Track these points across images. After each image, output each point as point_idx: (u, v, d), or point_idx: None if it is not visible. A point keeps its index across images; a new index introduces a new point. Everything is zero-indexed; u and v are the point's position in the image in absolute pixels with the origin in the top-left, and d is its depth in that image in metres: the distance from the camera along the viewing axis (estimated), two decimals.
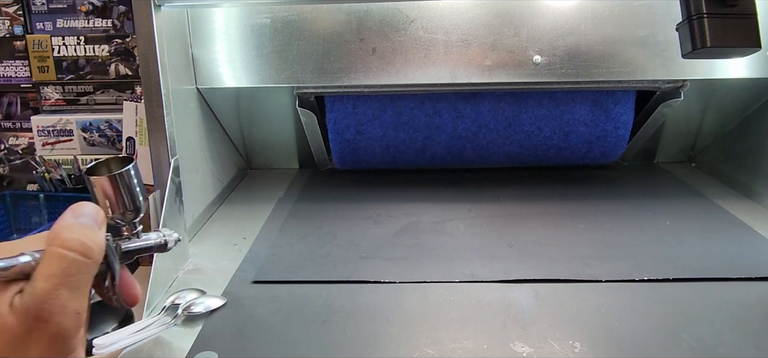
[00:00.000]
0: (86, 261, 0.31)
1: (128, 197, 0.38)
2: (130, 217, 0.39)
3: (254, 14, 0.77)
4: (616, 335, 0.51)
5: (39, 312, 0.28)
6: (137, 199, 0.38)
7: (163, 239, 0.42)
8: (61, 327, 0.29)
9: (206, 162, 0.84)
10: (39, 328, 0.29)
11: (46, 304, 0.29)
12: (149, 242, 0.41)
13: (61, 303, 0.29)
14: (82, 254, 0.31)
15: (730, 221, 0.76)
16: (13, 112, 1.06)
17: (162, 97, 0.66)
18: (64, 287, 0.29)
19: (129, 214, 0.38)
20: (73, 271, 0.30)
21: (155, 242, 0.41)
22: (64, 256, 0.30)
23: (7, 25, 1.01)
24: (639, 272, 0.61)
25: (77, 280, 0.30)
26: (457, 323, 0.53)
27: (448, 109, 0.87)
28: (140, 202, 0.39)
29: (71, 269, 0.30)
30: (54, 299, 0.29)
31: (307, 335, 0.52)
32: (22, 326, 0.28)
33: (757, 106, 0.90)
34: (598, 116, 0.88)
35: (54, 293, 0.29)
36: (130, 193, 0.38)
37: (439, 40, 0.77)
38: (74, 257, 0.30)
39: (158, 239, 0.41)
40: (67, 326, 0.29)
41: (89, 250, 0.31)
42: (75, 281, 0.30)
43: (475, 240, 0.72)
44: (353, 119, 0.88)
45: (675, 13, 0.54)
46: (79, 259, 0.30)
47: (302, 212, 0.83)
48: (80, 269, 0.30)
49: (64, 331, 0.29)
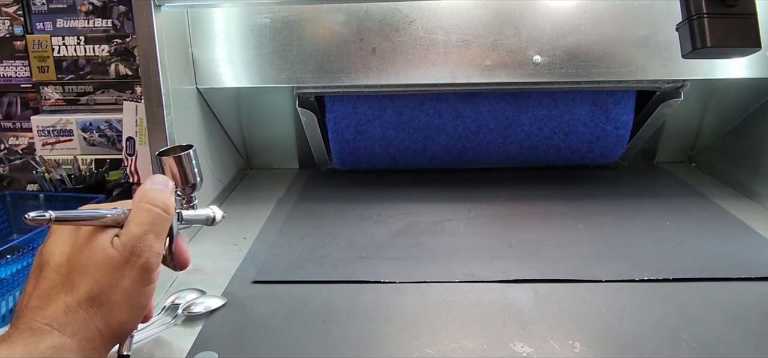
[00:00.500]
0: (166, 216, 0.41)
1: (189, 174, 0.48)
2: (189, 192, 0.49)
3: (254, 14, 0.77)
4: (616, 335, 0.51)
5: (134, 248, 0.39)
6: (195, 177, 0.49)
7: (212, 214, 0.51)
8: (149, 261, 0.39)
9: (206, 162, 0.84)
10: (133, 261, 0.39)
11: (140, 243, 0.39)
12: (202, 214, 0.50)
13: (149, 244, 0.39)
14: (163, 209, 0.41)
15: (730, 221, 0.76)
16: (13, 112, 1.06)
17: (162, 97, 0.66)
18: (151, 232, 0.40)
19: (188, 189, 0.49)
20: (158, 221, 0.40)
21: (206, 214, 0.51)
22: (151, 210, 0.40)
23: (7, 25, 1.01)
24: (639, 272, 0.61)
25: (160, 228, 0.40)
26: (457, 323, 0.53)
27: (448, 109, 0.87)
28: (198, 180, 0.49)
29: (156, 220, 0.40)
30: (145, 240, 0.39)
31: (307, 335, 0.52)
32: (122, 257, 0.38)
33: (757, 106, 0.90)
34: (598, 116, 0.88)
35: (144, 236, 0.39)
36: (191, 171, 0.48)
37: (439, 40, 0.77)
38: (158, 212, 0.40)
39: (209, 213, 0.51)
40: (152, 261, 0.40)
41: (168, 207, 0.41)
42: (158, 229, 0.40)
43: (475, 240, 0.72)
44: (353, 119, 0.88)
45: (675, 13, 0.54)
46: (161, 213, 0.41)
47: (302, 212, 0.83)
48: (162, 220, 0.41)
49: (150, 264, 0.39)
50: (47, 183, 0.99)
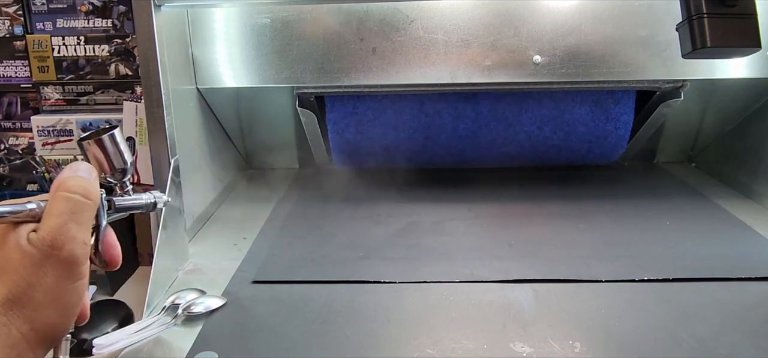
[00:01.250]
0: (88, 202, 0.37)
1: (115, 157, 0.44)
2: (119, 176, 0.45)
3: (254, 14, 0.77)
4: (616, 335, 0.51)
5: (54, 241, 0.35)
6: (123, 159, 0.44)
7: (152, 199, 0.47)
8: (72, 253, 0.36)
9: (206, 162, 0.84)
10: (54, 255, 0.35)
11: (59, 234, 0.35)
12: (140, 200, 0.46)
13: (72, 234, 0.36)
14: (84, 196, 0.37)
15: (730, 221, 0.76)
16: (13, 112, 1.06)
17: (162, 97, 0.66)
18: (72, 221, 0.36)
19: (117, 174, 0.44)
20: (78, 209, 0.37)
21: (146, 201, 0.47)
22: (69, 198, 0.37)
23: (7, 25, 1.01)
24: (639, 272, 0.61)
25: (82, 216, 0.37)
26: (457, 323, 0.53)
27: (448, 109, 0.87)
28: (127, 162, 0.45)
29: (76, 207, 0.37)
30: (65, 231, 0.35)
31: (307, 335, 0.52)
32: (41, 253, 0.35)
33: (757, 106, 0.90)
34: (598, 116, 0.88)
35: (65, 227, 0.35)
36: (116, 154, 0.44)
37: (439, 40, 0.77)
38: (78, 199, 0.37)
39: (149, 199, 0.47)
40: (77, 253, 0.36)
41: (89, 192, 0.38)
42: (80, 217, 0.37)
43: (475, 240, 0.71)
44: (353, 119, 0.88)
45: (675, 13, 0.54)
46: (82, 200, 0.37)
47: (302, 212, 0.83)
48: (83, 208, 0.37)
49: (74, 257, 0.36)
50: (47, 183, 0.99)
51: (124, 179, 0.45)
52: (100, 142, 0.43)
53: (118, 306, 0.62)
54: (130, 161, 0.45)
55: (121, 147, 0.44)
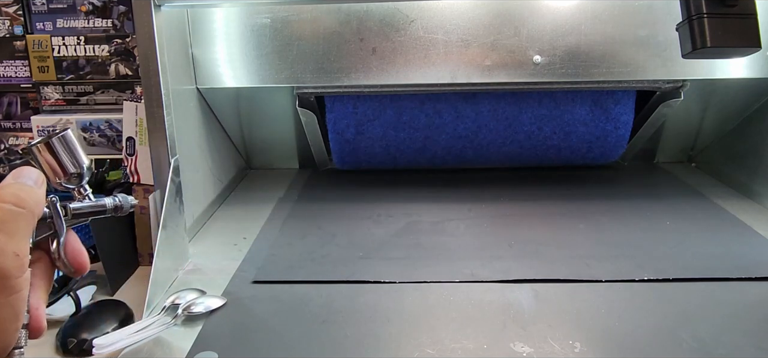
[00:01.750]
0: (20, 210, 0.35)
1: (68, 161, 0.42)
2: (76, 181, 0.42)
3: (254, 14, 0.77)
4: (616, 335, 0.51)
5: None
6: (78, 163, 0.42)
7: (117, 202, 0.45)
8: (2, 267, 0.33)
9: (206, 162, 0.84)
10: None
11: None
12: (102, 203, 0.44)
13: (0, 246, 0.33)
14: (15, 204, 0.35)
15: (730, 221, 0.76)
16: (13, 112, 1.06)
17: (162, 97, 0.66)
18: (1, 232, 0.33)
19: (74, 178, 0.42)
20: (8, 219, 0.34)
21: (110, 204, 0.44)
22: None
23: (7, 25, 1.01)
24: (639, 272, 0.61)
25: (13, 227, 0.34)
26: (457, 323, 0.53)
27: (448, 109, 0.87)
28: (82, 165, 0.42)
29: (6, 217, 0.34)
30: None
31: (307, 335, 0.52)
32: None
33: (757, 106, 0.90)
34: (598, 116, 0.88)
35: None
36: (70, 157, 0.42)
37: (439, 40, 0.77)
38: (8, 207, 0.34)
39: (113, 202, 0.44)
40: (6, 266, 0.33)
41: (22, 200, 0.35)
42: (11, 227, 0.34)
43: (475, 240, 0.72)
44: (353, 119, 0.88)
45: (675, 13, 0.54)
46: (12, 208, 0.35)
47: (302, 212, 0.83)
48: (15, 217, 0.35)
49: (5, 270, 0.33)
50: None
51: (83, 183, 0.43)
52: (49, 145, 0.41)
53: (118, 306, 0.62)
54: (85, 164, 0.42)
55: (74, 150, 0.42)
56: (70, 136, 0.42)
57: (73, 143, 0.42)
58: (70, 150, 0.42)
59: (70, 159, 0.42)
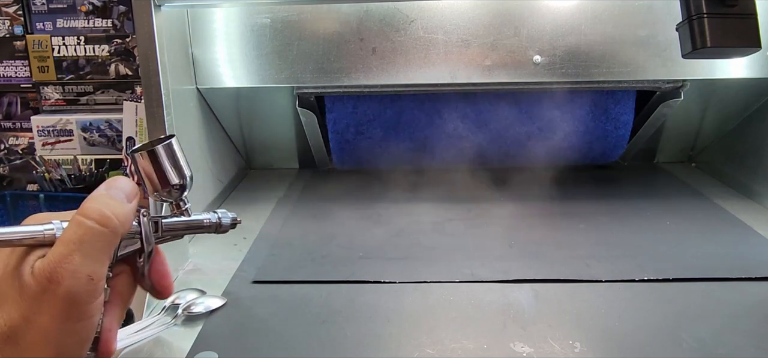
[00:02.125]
0: (102, 230, 0.32)
1: (170, 171, 0.38)
2: (176, 194, 0.39)
3: (254, 14, 0.77)
4: (616, 335, 0.51)
5: (52, 274, 0.30)
6: (180, 174, 0.38)
7: (216, 218, 0.41)
8: (72, 290, 0.30)
9: (206, 162, 0.84)
10: (52, 290, 0.30)
11: (59, 267, 0.30)
12: (199, 220, 0.40)
13: (73, 268, 0.30)
14: (99, 222, 0.32)
15: (730, 221, 0.76)
16: (13, 112, 1.06)
17: (162, 97, 0.66)
18: (78, 252, 0.31)
19: (174, 191, 0.38)
20: (88, 238, 0.31)
21: (206, 220, 0.40)
22: (81, 223, 0.32)
23: (7, 25, 1.01)
24: (639, 272, 0.61)
25: (92, 247, 0.31)
26: (457, 323, 0.53)
27: (448, 109, 0.87)
28: (185, 177, 0.38)
29: (86, 236, 0.31)
30: (67, 263, 0.30)
31: (307, 335, 0.52)
32: (38, 286, 0.30)
33: (757, 106, 0.90)
34: (598, 116, 0.88)
35: (68, 258, 0.30)
36: (171, 167, 0.38)
37: (439, 40, 0.77)
38: (91, 225, 0.32)
39: (211, 218, 0.41)
40: (78, 290, 0.31)
41: (106, 219, 0.32)
42: (89, 248, 0.31)
43: (475, 240, 0.71)
44: (353, 119, 0.88)
45: (675, 13, 0.54)
46: (95, 227, 0.32)
47: (302, 212, 0.83)
48: (95, 237, 0.32)
49: (75, 294, 0.30)
50: (47, 183, 0.99)
51: (183, 196, 0.39)
52: (153, 154, 0.37)
53: None
54: (188, 175, 0.39)
55: (179, 159, 0.38)
56: (176, 145, 0.38)
57: (178, 153, 0.39)
58: (174, 160, 0.38)
59: (172, 170, 0.38)
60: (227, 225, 0.42)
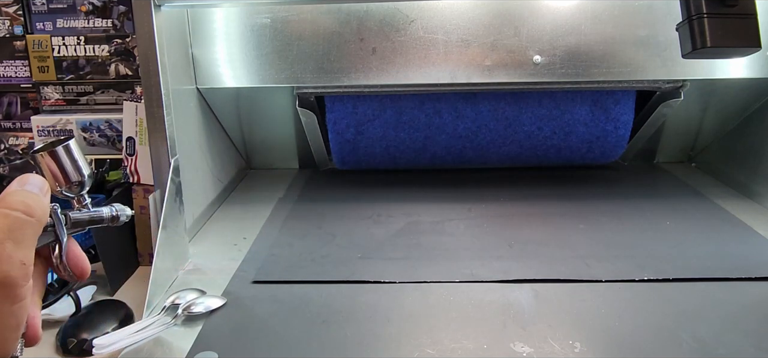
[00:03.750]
0: (28, 219, 0.35)
1: (71, 169, 0.42)
2: (77, 189, 0.43)
3: (254, 14, 0.77)
4: (616, 335, 0.51)
5: None
6: (79, 172, 0.42)
7: (114, 212, 0.45)
8: (8, 275, 0.33)
9: (206, 162, 0.84)
10: None
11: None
12: (100, 213, 0.44)
13: (7, 254, 0.33)
14: (24, 212, 0.35)
15: (730, 221, 0.76)
16: (13, 112, 1.06)
17: (162, 97, 0.66)
18: (9, 240, 0.33)
19: (74, 187, 0.42)
20: (17, 227, 0.34)
21: (107, 214, 0.45)
22: (7, 214, 0.34)
23: (7, 25, 1.01)
24: (639, 272, 0.61)
25: (20, 235, 0.34)
26: (457, 323, 0.53)
27: (448, 109, 0.87)
28: (84, 175, 0.43)
29: (15, 225, 0.34)
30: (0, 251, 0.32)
31: (307, 335, 0.52)
32: None
33: (757, 106, 0.90)
34: (598, 116, 0.88)
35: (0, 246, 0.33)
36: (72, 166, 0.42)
37: (439, 40, 0.77)
38: (17, 215, 0.34)
39: (110, 212, 0.45)
40: (13, 274, 0.33)
41: (30, 208, 0.35)
42: (18, 236, 0.34)
43: (475, 240, 0.72)
44: (353, 119, 0.88)
45: (675, 13, 0.54)
46: (21, 216, 0.34)
47: (302, 212, 0.83)
48: (23, 225, 0.34)
49: (11, 278, 0.33)
50: None
51: (82, 192, 0.43)
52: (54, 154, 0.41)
53: (118, 306, 0.62)
54: (87, 174, 0.43)
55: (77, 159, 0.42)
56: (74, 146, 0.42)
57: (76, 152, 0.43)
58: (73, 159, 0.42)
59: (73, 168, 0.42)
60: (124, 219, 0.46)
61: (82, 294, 0.63)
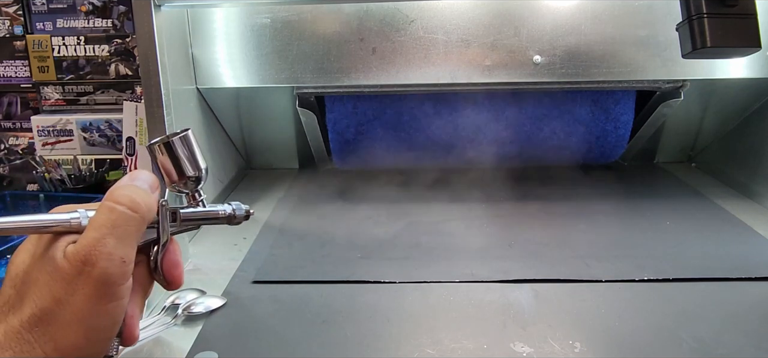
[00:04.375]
0: (133, 215, 0.34)
1: (185, 163, 0.40)
2: (192, 186, 0.40)
3: (254, 14, 0.77)
4: (616, 335, 0.51)
5: (87, 256, 0.32)
6: (196, 166, 0.40)
7: (231, 210, 0.42)
8: (107, 272, 0.32)
9: (206, 162, 0.84)
10: (86, 272, 0.32)
11: (94, 249, 0.32)
12: (214, 210, 0.41)
13: (108, 251, 0.32)
14: (130, 207, 0.34)
15: (730, 221, 0.76)
16: (13, 112, 1.06)
17: (162, 97, 0.66)
18: (111, 236, 0.32)
19: (190, 183, 0.40)
20: (121, 223, 0.33)
21: (221, 211, 0.42)
22: (113, 209, 0.33)
23: (7, 25, 1.01)
24: (639, 272, 0.61)
25: (124, 231, 0.33)
26: (457, 323, 0.53)
27: (448, 109, 0.87)
28: (200, 169, 0.40)
29: (119, 220, 0.33)
30: (101, 246, 0.32)
31: (307, 335, 0.52)
32: (73, 268, 0.32)
33: (757, 106, 0.90)
34: (598, 116, 0.88)
35: (102, 241, 0.32)
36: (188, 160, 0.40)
37: (439, 40, 0.77)
38: (122, 210, 0.34)
39: (226, 209, 0.42)
40: (112, 271, 0.32)
41: (136, 204, 0.34)
42: (121, 232, 0.33)
43: (475, 240, 0.71)
44: (353, 119, 0.88)
45: (675, 13, 0.54)
46: (127, 212, 0.34)
47: (302, 212, 0.83)
48: (127, 221, 0.34)
49: (109, 275, 0.32)
50: (47, 183, 0.99)
51: (198, 188, 0.41)
52: (169, 146, 0.39)
53: None
54: (204, 167, 0.41)
55: (194, 151, 0.40)
56: (191, 137, 0.40)
57: (193, 145, 0.40)
58: (191, 152, 0.40)
59: (189, 162, 0.40)
60: (241, 217, 0.43)
61: None
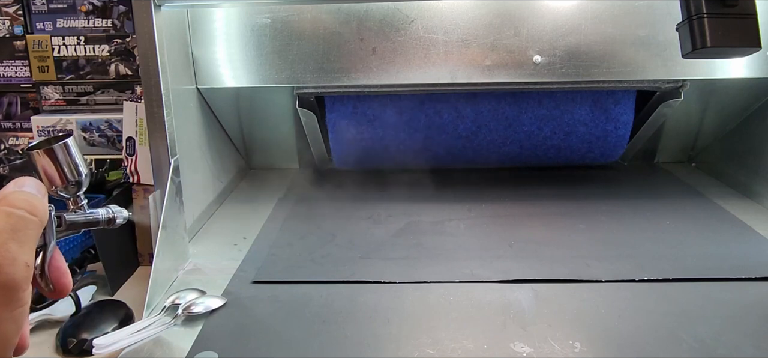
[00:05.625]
0: (32, 218, 0.33)
1: (68, 169, 0.40)
2: (73, 190, 0.41)
3: (254, 14, 0.77)
4: (616, 335, 0.51)
5: None
6: (77, 172, 0.40)
7: (111, 214, 0.43)
8: (12, 277, 0.31)
9: (206, 162, 0.84)
10: None
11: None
12: (96, 216, 0.42)
13: (12, 255, 0.31)
14: (29, 211, 0.33)
15: (730, 221, 0.76)
16: (13, 112, 1.06)
17: (162, 97, 0.66)
18: (13, 241, 0.31)
19: (71, 187, 0.40)
20: (21, 227, 0.32)
21: (103, 216, 0.42)
22: (11, 213, 0.32)
23: (7, 25, 1.01)
24: (639, 272, 0.61)
25: (25, 235, 0.32)
26: (457, 323, 0.53)
27: (448, 109, 0.87)
28: (82, 174, 0.41)
29: (18, 224, 0.32)
30: (4, 252, 0.31)
31: (307, 335, 0.52)
32: None
33: (757, 106, 0.90)
34: (598, 116, 0.88)
35: (4, 247, 0.31)
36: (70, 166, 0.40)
37: (439, 40, 0.77)
38: (21, 214, 0.32)
39: (106, 214, 0.43)
40: (17, 277, 0.31)
41: (35, 207, 0.33)
42: (23, 236, 0.32)
43: (475, 240, 0.71)
44: (353, 119, 0.88)
45: (675, 13, 0.54)
46: (26, 216, 0.33)
47: (302, 212, 0.83)
48: (27, 225, 0.33)
49: (14, 281, 0.31)
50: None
51: (79, 193, 0.41)
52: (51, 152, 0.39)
53: (118, 306, 0.62)
54: (84, 173, 0.41)
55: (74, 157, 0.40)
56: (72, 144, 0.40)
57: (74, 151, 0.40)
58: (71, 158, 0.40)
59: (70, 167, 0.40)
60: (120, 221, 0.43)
61: (82, 294, 0.63)
